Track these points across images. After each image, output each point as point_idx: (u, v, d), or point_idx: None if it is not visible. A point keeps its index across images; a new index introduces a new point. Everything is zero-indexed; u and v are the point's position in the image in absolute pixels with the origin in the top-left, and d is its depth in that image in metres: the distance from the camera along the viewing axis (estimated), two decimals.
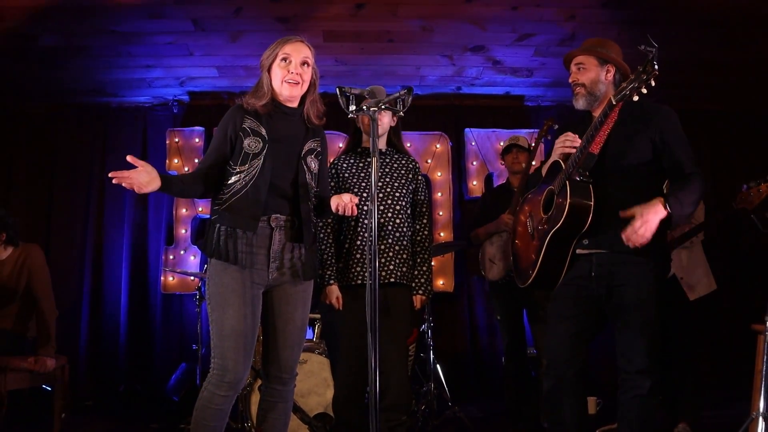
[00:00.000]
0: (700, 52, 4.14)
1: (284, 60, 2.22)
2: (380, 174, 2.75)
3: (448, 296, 4.82)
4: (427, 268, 2.80)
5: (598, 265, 2.27)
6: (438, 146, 4.93)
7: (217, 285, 2.16)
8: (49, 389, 3.36)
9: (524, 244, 2.48)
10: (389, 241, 2.70)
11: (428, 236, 2.84)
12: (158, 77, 4.56)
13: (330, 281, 2.69)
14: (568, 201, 2.18)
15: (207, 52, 4.19)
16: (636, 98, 2.06)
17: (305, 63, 2.24)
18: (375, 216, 1.96)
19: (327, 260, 2.71)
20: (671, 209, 2.09)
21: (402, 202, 2.76)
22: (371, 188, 1.97)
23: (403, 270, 2.72)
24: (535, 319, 3.49)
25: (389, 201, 2.73)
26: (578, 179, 2.22)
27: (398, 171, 2.79)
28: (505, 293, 3.51)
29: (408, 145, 4.22)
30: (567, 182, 2.22)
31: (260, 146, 2.19)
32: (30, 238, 3.59)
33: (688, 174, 2.18)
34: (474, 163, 4.96)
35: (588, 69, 2.35)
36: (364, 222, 2.69)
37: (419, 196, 2.84)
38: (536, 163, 3.44)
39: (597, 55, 2.34)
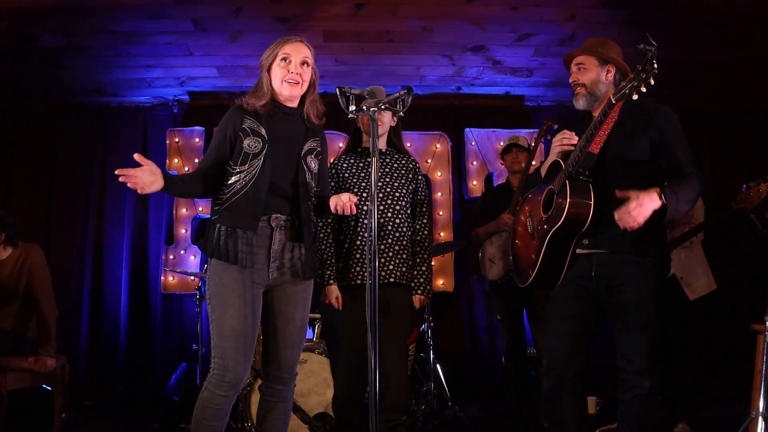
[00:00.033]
0: (700, 52, 4.14)
1: (284, 60, 2.22)
2: (380, 174, 2.75)
3: (448, 296, 4.82)
4: (427, 268, 2.80)
5: (598, 265, 2.27)
6: (438, 146, 4.93)
7: (218, 285, 2.17)
8: (50, 389, 3.36)
9: (524, 244, 2.48)
10: (389, 241, 2.70)
11: (428, 236, 2.84)
12: (158, 77, 4.56)
13: (330, 281, 2.69)
14: (568, 201, 2.18)
15: (207, 52, 4.19)
16: (635, 97, 2.06)
17: (305, 63, 2.24)
18: (375, 216, 1.96)
19: (327, 260, 2.71)
20: (666, 200, 2.08)
21: (402, 202, 2.76)
22: (371, 188, 1.97)
23: (403, 270, 2.72)
24: (535, 319, 3.49)
25: (389, 201, 2.73)
26: (578, 179, 2.22)
27: (398, 171, 2.79)
28: (505, 293, 3.51)
29: (408, 145, 4.22)
30: (567, 182, 2.22)
31: (260, 146, 2.19)
32: (30, 238, 3.59)
33: (687, 174, 2.18)
34: (474, 163, 4.96)
35: (588, 69, 2.35)
36: (364, 222, 2.69)
37: (419, 196, 2.84)
38: (536, 163, 3.45)
39: (597, 56, 2.34)
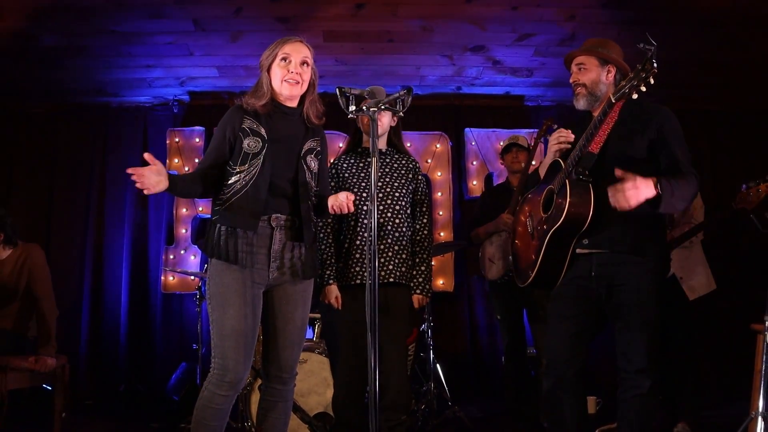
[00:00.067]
0: (700, 52, 4.14)
1: (284, 60, 2.22)
2: (380, 174, 2.75)
3: (448, 296, 4.82)
4: (426, 268, 2.80)
5: (598, 265, 2.27)
6: (438, 146, 4.93)
7: (218, 285, 2.17)
8: (50, 389, 3.36)
9: (524, 244, 2.48)
10: (388, 241, 2.70)
11: (428, 236, 2.84)
12: (158, 77, 4.56)
13: (329, 281, 2.69)
14: (568, 200, 2.18)
15: (207, 52, 4.19)
16: (635, 96, 2.06)
17: (305, 63, 2.25)
18: (374, 216, 1.96)
19: (327, 260, 2.71)
20: (662, 190, 2.08)
21: (402, 202, 2.76)
22: (371, 188, 1.97)
23: (403, 270, 2.72)
24: (535, 319, 3.49)
25: (389, 201, 2.73)
26: (578, 178, 2.22)
27: (398, 171, 2.79)
28: (505, 293, 3.51)
29: (408, 145, 4.22)
30: (567, 182, 2.22)
31: (260, 146, 2.19)
32: (30, 238, 3.59)
33: (685, 173, 2.18)
34: (474, 163, 4.96)
35: (589, 69, 2.35)
36: (364, 222, 2.69)
37: (419, 196, 2.84)
38: (536, 163, 3.45)
39: (598, 56, 2.34)
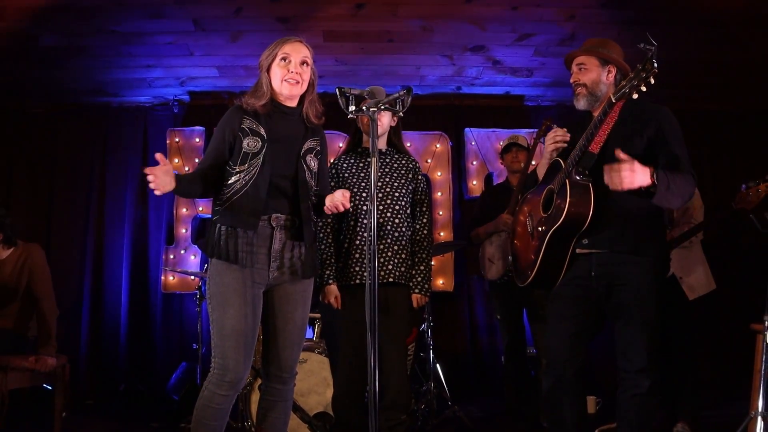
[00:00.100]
0: (700, 52, 4.14)
1: (284, 60, 2.23)
2: (380, 174, 2.75)
3: (448, 296, 4.82)
4: (425, 267, 2.80)
5: (598, 265, 2.27)
6: (438, 146, 4.94)
7: (218, 285, 2.17)
8: (50, 388, 3.36)
9: (524, 244, 2.49)
10: (388, 241, 2.70)
11: (428, 236, 2.84)
12: (158, 77, 4.56)
13: (329, 281, 2.70)
14: (568, 200, 2.18)
15: (207, 52, 4.19)
16: (636, 96, 2.06)
17: (304, 63, 2.25)
18: (374, 216, 1.96)
19: (326, 260, 2.71)
20: (657, 181, 2.08)
21: (401, 202, 2.76)
22: (371, 188, 1.97)
23: (402, 270, 2.72)
24: (535, 319, 3.49)
25: (388, 201, 2.73)
26: (578, 178, 2.22)
27: (398, 171, 2.79)
28: (505, 293, 3.51)
29: (408, 145, 4.22)
30: (567, 181, 2.22)
31: (259, 146, 2.19)
32: (30, 238, 3.59)
33: (683, 171, 2.18)
34: (474, 163, 4.96)
35: (589, 69, 2.35)
36: (363, 221, 2.70)
37: (419, 196, 2.85)
38: (535, 163, 3.45)
39: (598, 56, 2.34)
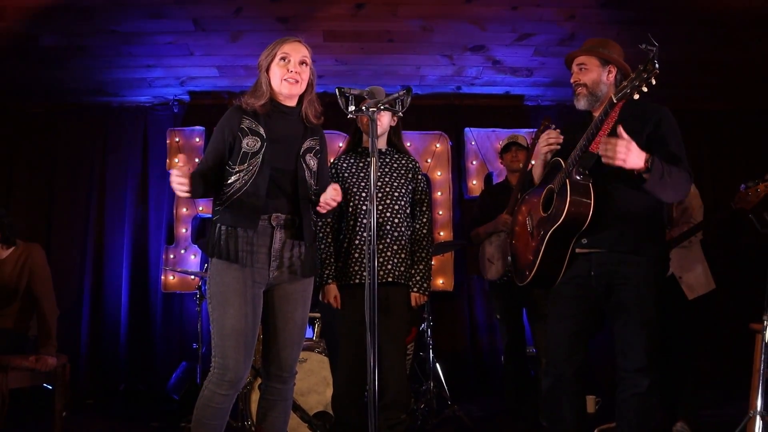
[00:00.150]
0: (700, 52, 4.15)
1: (283, 59, 2.24)
2: (380, 174, 2.75)
3: (448, 295, 4.82)
4: (425, 267, 2.80)
5: (598, 265, 2.27)
6: (438, 146, 4.94)
7: (218, 284, 2.17)
8: (50, 388, 3.36)
9: (523, 243, 2.49)
10: (387, 241, 2.70)
11: (427, 235, 2.84)
12: (159, 77, 4.56)
13: (328, 280, 2.70)
14: (568, 200, 2.19)
15: (207, 52, 4.19)
16: (637, 96, 2.06)
17: (303, 62, 2.26)
18: (374, 215, 1.96)
19: (326, 259, 2.71)
20: (651, 167, 2.09)
21: (401, 202, 2.76)
22: (370, 188, 1.98)
23: (402, 269, 2.72)
24: (535, 319, 3.49)
25: (388, 200, 2.74)
26: (578, 178, 2.22)
27: (398, 171, 2.79)
28: (505, 293, 3.52)
29: (408, 145, 4.22)
30: (567, 181, 2.23)
31: (259, 145, 2.20)
32: (30, 238, 3.58)
33: (680, 167, 2.19)
34: (474, 163, 4.97)
35: (590, 69, 2.36)
36: (363, 221, 2.70)
37: (419, 196, 2.84)
38: (534, 162, 3.45)
39: (599, 56, 2.35)
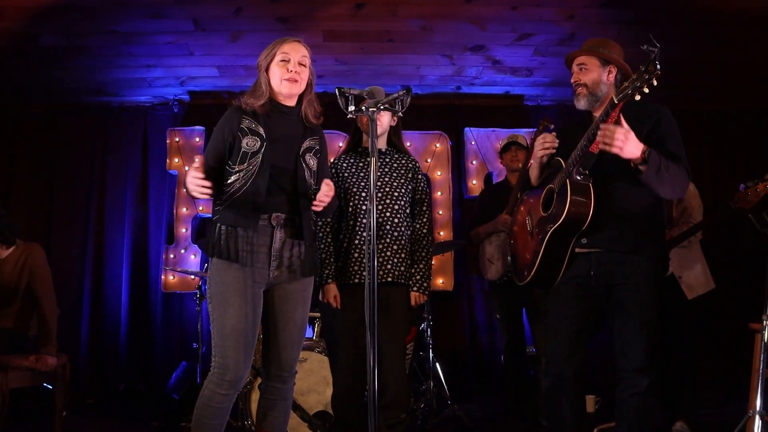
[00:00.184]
0: (700, 52, 4.15)
1: (283, 59, 2.24)
2: (379, 173, 2.75)
3: (448, 295, 4.82)
4: (425, 266, 2.80)
5: (597, 264, 2.28)
6: (438, 145, 4.94)
7: (219, 284, 2.18)
8: (50, 388, 3.36)
9: (523, 243, 2.49)
10: (387, 241, 2.70)
11: (427, 235, 2.84)
12: (159, 77, 4.57)
13: (328, 280, 2.70)
14: (568, 200, 2.19)
15: (207, 52, 4.19)
16: (638, 98, 2.06)
17: (303, 62, 2.26)
18: (373, 215, 1.96)
19: (325, 259, 2.72)
20: (648, 158, 2.09)
21: (401, 202, 2.76)
22: (370, 188, 1.98)
23: (402, 269, 2.72)
24: (535, 318, 3.49)
25: (388, 200, 2.74)
26: (578, 178, 2.23)
27: (398, 171, 2.79)
28: (505, 292, 3.52)
29: (408, 145, 4.22)
30: (567, 181, 2.23)
31: (258, 145, 2.20)
32: (30, 238, 3.59)
33: (678, 164, 2.19)
34: (474, 163, 4.97)
35: (590, 69, 2.36)
36: (363, 221, 2.70)
37: (419, 195, 2.85)
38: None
39: (599, 56, 2.35)
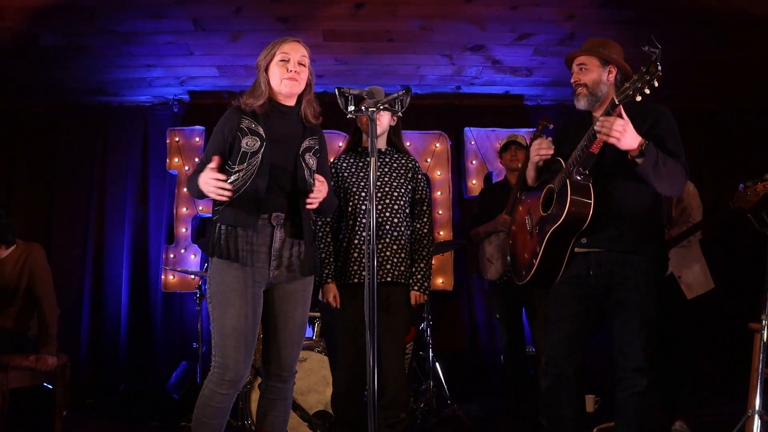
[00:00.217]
0: (700, 52, 4.15)
1: (282, 59, 2.24)
2: (379, 173, 2.75)
3: (448, 295, 4.83)
4: (425, 266, 2.79)
5: (597, 264, 2.28)
6: (437, 145, 4.94)
7: (219, 284, 2.18)
8: (51, 387, 3.37)
9: (522, 243, 2.50)
10: (386, 241, 2.70)
11: (428, 234, 2.84)
12: (159, 77, 4.57)
13: (327, 279, 2.70)
14: (569, 200, 2.19)
15: (207, 52, 4.19)
16: (639, 98, 2.07)
17: (302, 62, 2.26)
18: (373, 215, 1.96)
19: (325, 259, 2.72)
20: (646, 151, 2.10)
21: (400, 202, 2.76)
22: (369, 188, 1.98)
23: (402, 269, 2.73)
24: (534, 318, 3.49)
25: (387, 200, 2.74)
26: (578, 178, 2.23)
27: (397, 170, 2.79)
28: (504, 292, 3.52)
29: (408, 145, 4.23)
30: (567, 181, 2.23)
31: (258, 145, 2.20)
32: (30, 238, 3.59)
33: (678, 162, 2.20)
34: (473, 162, 4.97)
35: (590, 69, 2.36)
36: (362, 221, 2.70)
37: (419, 195, 2.85)
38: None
39: (599, 56, 2.35)
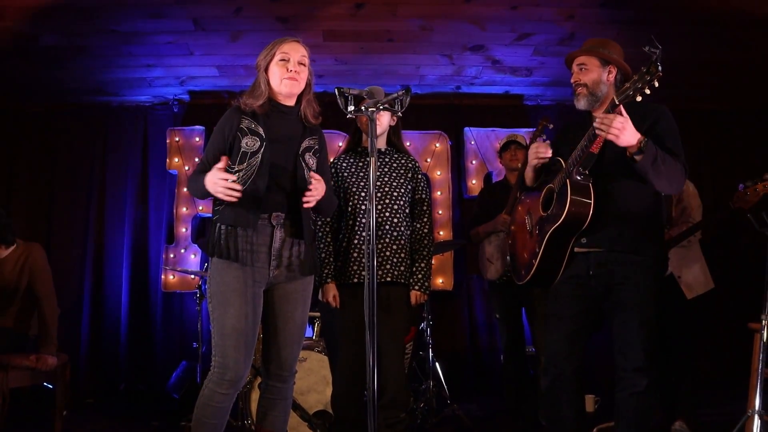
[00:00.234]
0: (700, 52, 4.15)
1: (282, 59, 2.24)
2: (379, 173, 2.75)
3: (448, 294, 4.83)
4: (426, 266, 2.79)
5: (597, 264, 2.28)
6: (437, 145, 4.94)
7: (219, 284, 2.18)
8: (51, 387, 3.37)
9: (522, 242, 2.50)
10: (386, 241, 2.70)
11: (428, 234, 2.83)
12: (159, 77, 4.57)
13: (327, 279, 2.70)
14: (569, 200, 2.19)
15: (207, 52, 4.20)
16: (639, 99, 2.07)
17: (302, 62, 2.27)
18: (372, 215, 1.96)
19: (325, 258, 2.72)
20: (644, 148, 2.10)
21: (400, 202, 2.76)
22: (369, 187, 1.98)
23: (401, 269, 2.72)
24: (534, 318, 3.49)
25: (387, 200, 2.74)
26: (578, 178, 2.23)
27: (397, 170, 2.79)
28: (504, 292, 3.52)
29: (407, 144, 4.23)
30: (567, 181, 2.23)
31: (258, 144, 2.20)
32: (30, 238, 3.60)
33: (677, 160, 2.20)
34: (473, 162, 4.97)
35: (590, 69, 2.36)
36: (362, 221, 2.70)
37: (419, 195, 2.84)
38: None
39: (599, 56, 2.35)
